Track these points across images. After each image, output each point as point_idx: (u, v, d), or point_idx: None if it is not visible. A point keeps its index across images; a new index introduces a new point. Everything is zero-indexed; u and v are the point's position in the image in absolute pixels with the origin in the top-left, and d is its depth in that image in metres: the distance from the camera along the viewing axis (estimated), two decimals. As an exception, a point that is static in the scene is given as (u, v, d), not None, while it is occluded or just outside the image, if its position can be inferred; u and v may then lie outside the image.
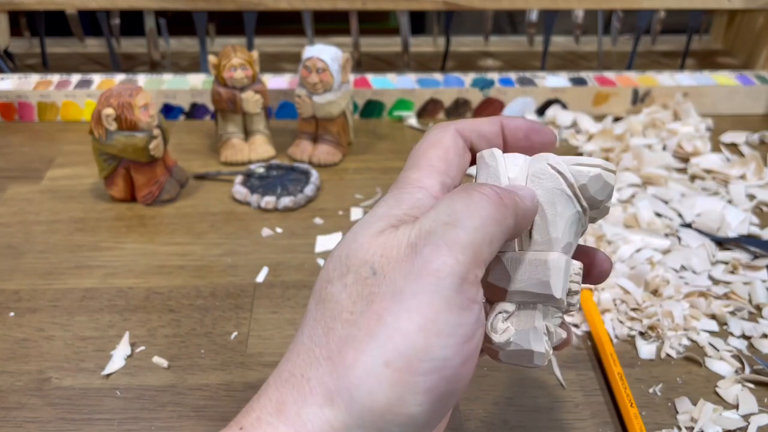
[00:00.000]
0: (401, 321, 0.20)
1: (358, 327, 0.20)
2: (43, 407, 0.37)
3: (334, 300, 0.21)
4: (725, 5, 0.71)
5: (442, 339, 0.20)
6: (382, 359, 0.19)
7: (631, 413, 0.36)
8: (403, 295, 0.20)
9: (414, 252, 0.21)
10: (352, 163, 0.59)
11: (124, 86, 0.51)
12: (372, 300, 0.20)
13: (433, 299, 0.20)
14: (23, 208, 0.53)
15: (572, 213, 0.25)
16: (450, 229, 0.21)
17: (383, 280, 0.21)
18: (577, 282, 0.25)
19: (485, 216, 0.21)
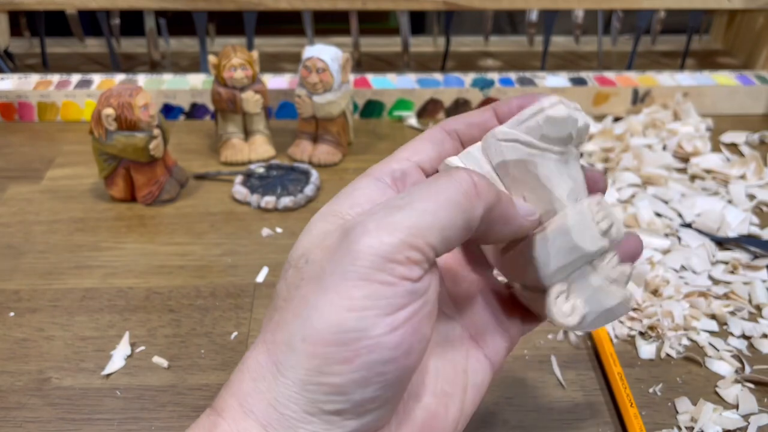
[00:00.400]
0: (319, 300, 0.21)
1: (287, 310, 0.22)
2: (43, 407, 0.37)
3: (276, 294, 0.23)
4: (725, 5, 0.71)
5: (356, 312, 0.20)
6: (300, 335, 0.21)
7: (631, 413, 0.36)
8: (323, 276, 0.21)
9: (343, 236, 0.21)
10: (352, 163, 0.59)
11: (124, 86, 0.51)
12: (300, 285, 0.22)
13: (348, 276, 0.21)
14: (23, 208, 0.53)
15: (553, 164, 0.24)
16: (392, 212, 0.21)
17: (313, 266, 0.22)
18: (605, 216, 0.24)
19: (443, 200, 0.21)
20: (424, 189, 0.22)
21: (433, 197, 0.21)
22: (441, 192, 0.22)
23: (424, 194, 0.22)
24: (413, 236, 0.21)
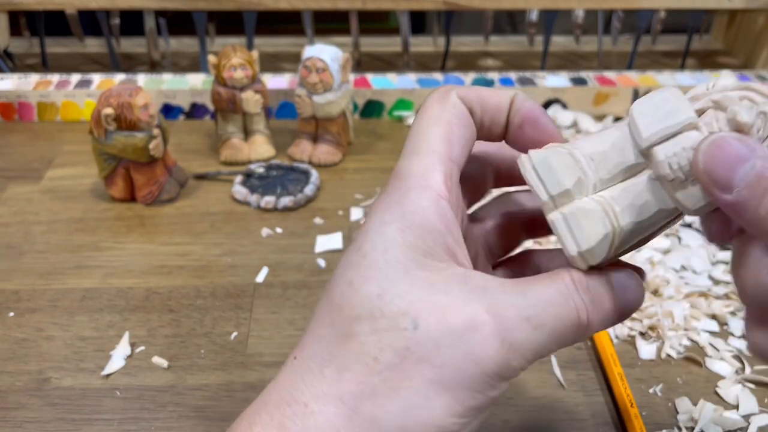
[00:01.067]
0: (429, 392, 0.19)
1: (382, 378, 0.20)
2: (42, 407, 0.37)
3: (357, 340, 0.20)
4: (725, 5, 0.70)
5: (462, 419, 0.20)
6: (400, 422, 0.19)
7: (632, 413, 0.36)
8: (443, 369, 0.20)
9: (471, 329, 0.20)
10: (352, 163, 0.59)
11: (123, 86, 0.51)
12: (406, 356, 0.20)
13: (468, 386, 0.20)
14: (23, 208, 0.53)
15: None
16: (526, 329, 0.21)
17: (427, 339, 0.20)
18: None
19: (564, 326, 0.21)
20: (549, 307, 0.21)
21: (556, 323, 0.21)
22: (567, 313, 0.21)
23: (551, 312, 0.21)
24: (528, 360, 0.21)
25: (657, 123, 0.21)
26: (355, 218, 0.52)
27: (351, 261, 0.21)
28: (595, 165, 0.22)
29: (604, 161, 0.22)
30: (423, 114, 0.24)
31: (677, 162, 0.21)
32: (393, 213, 0.21)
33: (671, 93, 0.22)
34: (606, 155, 0.22)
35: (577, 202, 0.22)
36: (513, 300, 0.21)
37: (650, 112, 0.22)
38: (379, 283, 0.20)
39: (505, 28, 1.03)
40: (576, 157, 0.22)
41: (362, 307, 0.20)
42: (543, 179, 0.22)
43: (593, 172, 0.22)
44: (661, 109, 0.21)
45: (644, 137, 0.21)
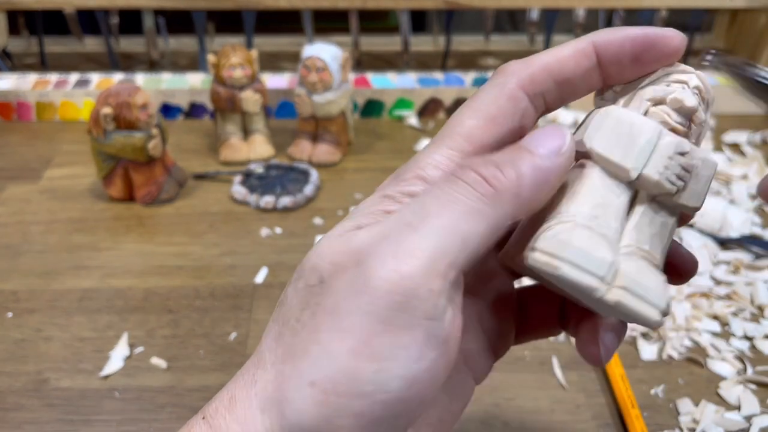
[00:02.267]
0: (333, 342, 0.19)
1: (300, 338, 0.20)
2: (41, 408, 0.37)
3: (287, 304, 0.21)
4: (727, 4, 0.70)
5: (375, 363, 0.18)
6: (309, 378, 0.19)
7: (633, 414, 0.36)
8: (339, 313, 0.19)
9: (359, 262, 0.19)
10: (352, 163, 0.59)
11: (122, 85, 0.51)
12: (315, 312, 0.19)
13: (368, 321, 0.18)
14: (21, 208, 0.53)
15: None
16: (407, 234, 0.19)
17: (328, 290, 0.19)
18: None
19: (458, 212, 0.19)
20: (437, 199, 0.19)
21: (448, 208, 0.19)
22: (456, 200, 0.19)
23: (438, 206, 0.19)
24: (434, 261, 0.18)
25: (631, 149, 0.20)
26: (354, 218, 0.52)
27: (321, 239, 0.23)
28: (603, 221, 0.20)
29: (606, 212, 0.21)
30: (472, 101, 0.22)
31: (672, 174, 0.20)
32: (374, 195, 0.22)
33: (614, 114, 0.21)
34: (604, 206, 0.21)
35: (624, 268, 0.20)
36: (396, 221, 0.19)
37: (615, 143, 0.21)
38: (313, 248, 0.21)
39: (505, 27, 1.03)
40: (588, 226, 0.20)
41: (296, 272, 0.21)
42: (583, 266, 0.19)
43: (607, 229, 0.20)
44: (621, 135, 0.21)
45: (630, 168, 0.20)
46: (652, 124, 0.21)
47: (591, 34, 0.21)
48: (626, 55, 0.21)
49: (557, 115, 0.64)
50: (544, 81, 0.21)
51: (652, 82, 0.21)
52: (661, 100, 0.21)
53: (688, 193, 0.21)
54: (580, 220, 0.20)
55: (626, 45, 0.21)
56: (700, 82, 0.21)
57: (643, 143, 0.20)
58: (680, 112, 0.21)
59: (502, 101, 0.21)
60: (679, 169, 0.20)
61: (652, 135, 0.20)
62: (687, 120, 0.21)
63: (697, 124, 0.21)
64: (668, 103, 0.21)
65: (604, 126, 0.21)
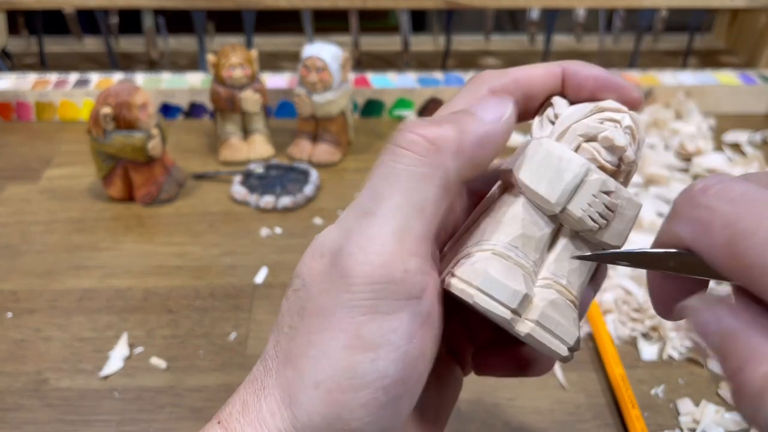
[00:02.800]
0: (326, 341, 0.19)
1: (295, 343, 0.20)
2: (40, 408, 0.37)
3: (281, 311, 0.21)
4: (727, 4, 0.70)
5: (370, 353, 0.19)
6: (312, 380, 0.19)
7: (633, 415, 0.36)
8: (325, 313, 0.19)
9: (333, 263, 0.19)
10: (352, 163, 0.59)
11: (122, 85, 0.51)
12: (303, 315, 0.20)
13: (352, 314, 0.19)
14: (21, 208, 0.53)
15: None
16: (365, 223, 0.19)
17: (310, 293, 0.20)
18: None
19: (406, 183, 0.19)
20: (384, 179, 0.20)
21: (395, 185, 0.19)
22: (400, 172, 0.19)
23: (387, 184, 0.19)
24: (401, 241, 0.19)
25: (557, 184, 0.21)
26: (354, 218, 0.52)
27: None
28: (522, 251, 0.21)
29: (527, 243, 0.21)
30: (445, 105, 0.23)
31: (595, 211, 0.21)
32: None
33: (545, 147, 0.21)
34: (525, 237, 0.21)
35: (537, 301, 0.20)
36: (355, 212, 0.20)
37: (542, 176, 0.21)
38: (302, 262, 0.21)
39: (505, 26, 1.03)
40: (506, 255, 0.21)
41: (288, 287, 0.22)
42: (495, 296, 0.20)
43: (525, 260, 0.21)
44: (549, 169, 0.21)
45: (554, 202, 0.21)
46: (581, 161, 0.21)
47: (564, 62, 0.23)
48: (587, 89, 0.22)
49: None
50: (513, 92, 0.22)
51: (586, 118, 0.22)
52: (593, 137, 0.21)
53: (611, 232, 0.21)
54: (499, 249, 0.21)
55: (590, 81, 0.22)
56: (632, 122, 0.22)
57: (570, 179, 0.21)
58: (610, 151, 0.21)
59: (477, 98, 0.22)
60: (603, 208, 0.21)
61: (579, 171, 0.21)
62: (617, 159, 0.21)
63: (626, 163, 0.22)
64: (599, 141, 0.21)
65: (534, 158, 0.21)
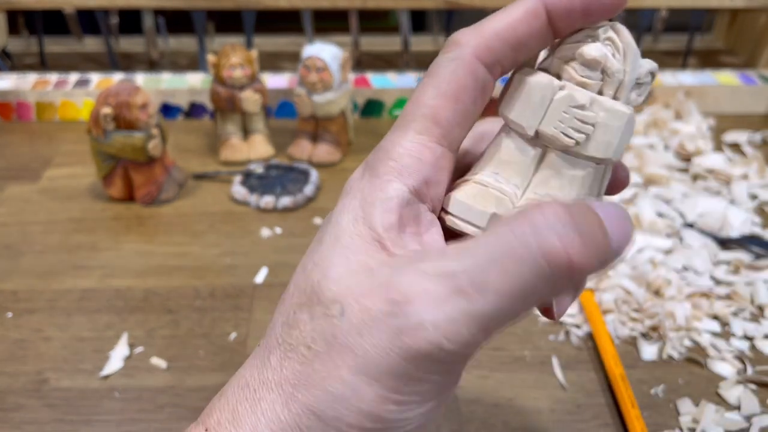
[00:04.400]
0: (359, 385, 0.19)
1: (313, 368, 0.19)
2: (40, 408, 0.37)
3: (298, 327, 0.20)
4: (727, 4, 0.70)
5: (401, 407, 0.19)
6: (332, 413, 0.19)
7: (633, 414, 0.36)
8: (367, 358, 0.18)
9: (394, 313, 0.18)
10: (352, 163, 0.59)
11: (122, 85, 0.51)
12: (333, 344, 0.19)
13: (400, 372, 0.18)
14: (21, 208, 0.53)
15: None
16: (457, 300, 0.18)
17: (350, 327, 0.19)
18: None
19: (519, 289, 0.17)
20: (498, 267, 0.18)
21: (510, 283, 0.18)
22: (520, 276, 0.17)
23: (500, 278, 0.18)
24: (484, 331, 0.18)
25: (526, 106, 0.21)
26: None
27: (310, 248, 0.22)
28: (503, 176, 0.22)
29: (509, 168, 0.22)
30: (430, 78, 0.21)
31: (569, 127, 0.21)
32: (354, 200, 0.21)
33: (519, 76, 0.22)
34: (507, 163, 0.22)
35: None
36: (442, 268, 0.18)
37: (516, 103, 0.21)
38: (323, 270, 0.20)
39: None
40: (483, 182, 0.22)
41: (305, 293, 0.20)
42: (468, 219, 0.21)
43: (506, 184, 0.22)
44: (521, 95, 0.21)
45: (525, 126, 0.21)
46: (546, 81, 0.21)
47: None
48: (576, 11, 0.20)
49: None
50: (500, 49, 0.21)
51: (567, 40, 0.22)
52: (570, 57, 0.21)
53: (594, 144, 0.21)
54: (478, 177, 0.22)
55: (577, 4, 0.20)
56: (613, 32, 0.21)
57: (537, 100, 0.21)
58: (587, 66, 0.21)
59: (461, 76, 0.21)
60: (576, 122, 0.21)
61: (545, 92, 0.21)
62: (598, 72, 0.21)
63: (610, 74, 0.21)
64: (576, 59, 0.21)
65: (512, 88, 0.22)
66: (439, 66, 0.21)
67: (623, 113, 0.21)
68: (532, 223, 0.18)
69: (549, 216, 0.18)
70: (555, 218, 0.18)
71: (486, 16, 0.22)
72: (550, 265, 0.18)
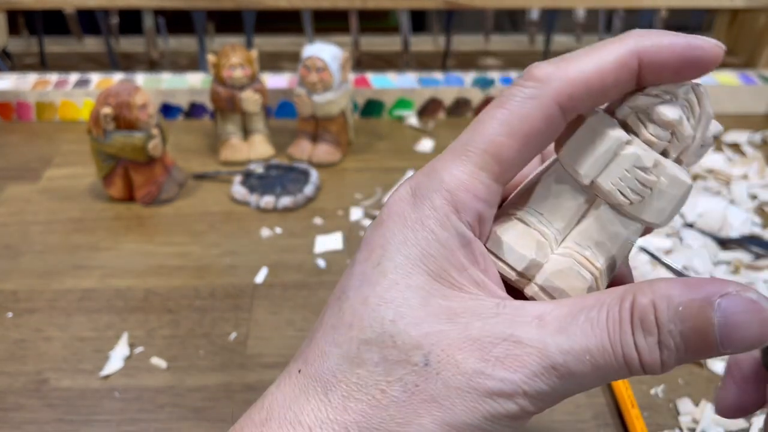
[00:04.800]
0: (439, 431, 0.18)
1: (388, 413, 0.18)
2: (41, 408, 0.37)
3: (365, 367, 0.19)
4: (727, 4, 0.70)
5: None
6: None
7: (633, 414, 0.36)
8: (453, 412, 0.18)
9: (485, 374, 0.18)
10: (352, 163, 0.59)
11: (122, 85, 0.51)
12: (414, 392, 0.18)
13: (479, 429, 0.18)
14: (21, 208, 0.53)
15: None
16: (550, 379, 0.18)
17: (437, 379, 0.18)
18: None
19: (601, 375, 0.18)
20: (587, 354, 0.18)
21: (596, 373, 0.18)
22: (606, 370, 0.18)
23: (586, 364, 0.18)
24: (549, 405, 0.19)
25: (589, 154, 0.20)
26: (355, 218, 0.52)
27: (368, 276, 0.20)
28: (547, 218, 0.21)
29: (554, 211, 0.21)
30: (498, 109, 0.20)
31: (626, 187, 0.20)
32: (417, 233, 0.20)
33: (588, 120, 0.21)
34: (554, 204, 0.21)
35: (547, 266, 0.21)
36: (541, 343, 0.18)
37: (579, 148, 0.20)
38: (396, 308, 0.19)
39: (505, 26, 1.03)
40: (526, 221, 0.21)
41: (374, 331, 0.19)
42: (506, 260, 0.21)
43: (548, 227, 0.21)
44: (586, 141, 0.20)
45: (582, 174, 0.20)
46: (616, 135, 0.20)
47: (634, 39, 0.19)
48: (670, 68, 0.19)
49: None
50: (582, 97, 0.19)
51: (645, 91, 0.20)
52: (644, 109, 0.20)
53: (648, 209, 0.20)
54: (521, 215, 0.21)
55: (672, 61, 0.19)
56: (693, 95, 0.20)
57: (602, 152, 0.20)
58: (660, 125, 0.20)
59: (536, 119, 0.19)
60: (636, 184, 0.20)
61: (612, 144, 0.20)
62: (668, 133, 0.20)
63: (680, 138, 0.20)
64: (649, 114, 0.20)
65: (578, 131, 0.21)
66: (513, 99, 0.20)
67: (684, 183, 0.20)
68: (623, 331, 0.18)
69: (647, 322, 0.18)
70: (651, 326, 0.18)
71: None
72: (632, 371, 0.18)
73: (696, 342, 0.18)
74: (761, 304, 0.18)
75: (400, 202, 0.20)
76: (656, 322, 0.18)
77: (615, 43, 0.19)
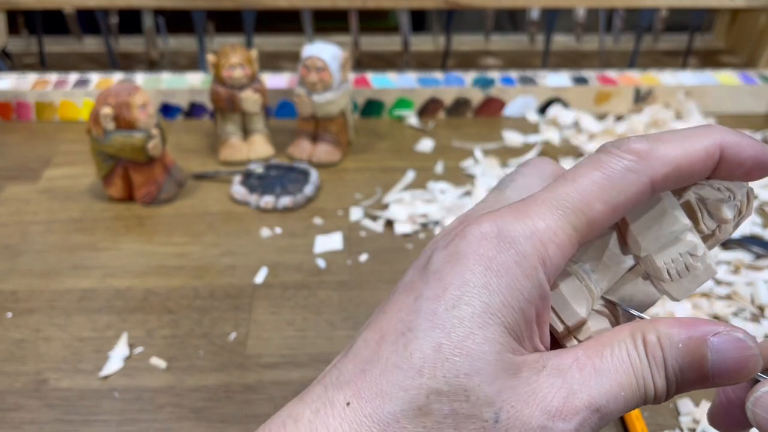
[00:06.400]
0: None
1: None
2: (40, 408, 0.37)
3: (434, 419, 0.19)
4: (727, 4, 0.70)
5: None
6: None
7: (633, 415, 0.36)
8: None
9: (544, 427, 0.19)
10: (352, 163, 0.59)
11: (122, 85, 0.51)
12: None
13: None
14: (21, 208, 0.53)
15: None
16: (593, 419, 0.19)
17: None
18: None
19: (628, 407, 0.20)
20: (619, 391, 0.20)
21: (623, 408, 0.20)
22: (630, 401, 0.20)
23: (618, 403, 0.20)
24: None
25: (654, 230, 0.22)
26: (355, 218, 0.52)
27: (440, 318, 0.19)
28: (596, 275, 0.22)
29: (604, 270, 0.22)
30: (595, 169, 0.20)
31: (675, 267, 0.22)
32: (500, 279, 0.19)
33: (660, 198, 0.22)
34: (605, 265, 0.22)
35: (590, 324, 0.22)
36: (587, 387, 0.19)
37: (646, 220, 0.22)
38: (472, 362, 0.19)
39: (505, 26, 1.03)
40: (581, 276, 0.22)
41: (447, 383, 0.19)
42: (560, 313, 0.22)
43: (595, 284, 0.22)
44: (654, 218, 0.22)
45: (643, 247, 0.22)
46: (684, 221, 0.22)
47: (720, 133, 0.21)
48: (744, 167, 0.21)
49: (558, 115, 0.64)
50: (672, 180, 0.21)
51: (710, 183, 0.22)
52: (704, 199, 0.22)
53: (678, 287, 0.22)
54: (577, 267, 0.22)
55: (748, 161, 0.21)
56: (745, 197, 0.22)
57: (667, 233, 0.22)
58: (714, 219, 0.22)
59: (633, 195, 0.20)
60: (682, 266, 0.22)
61: (678, 229, 0.22)
62: (715, 226, 0.22)
63: (720, 232, 0.22)
64: (708, 205, 0.22)
65: (650, 207, 0.22)
66: (612, 167, 0.20)
67: (713, 272, 0.22)
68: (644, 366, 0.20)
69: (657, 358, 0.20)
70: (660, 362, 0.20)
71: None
72: (646, 402, 0.20)
73: (693, 375, 0.20)
74: (747, 343, 0.20)
75: (484, 242, 0.20)
76: (663, 358, 0.20)
77: (701, 132, 0.21)
